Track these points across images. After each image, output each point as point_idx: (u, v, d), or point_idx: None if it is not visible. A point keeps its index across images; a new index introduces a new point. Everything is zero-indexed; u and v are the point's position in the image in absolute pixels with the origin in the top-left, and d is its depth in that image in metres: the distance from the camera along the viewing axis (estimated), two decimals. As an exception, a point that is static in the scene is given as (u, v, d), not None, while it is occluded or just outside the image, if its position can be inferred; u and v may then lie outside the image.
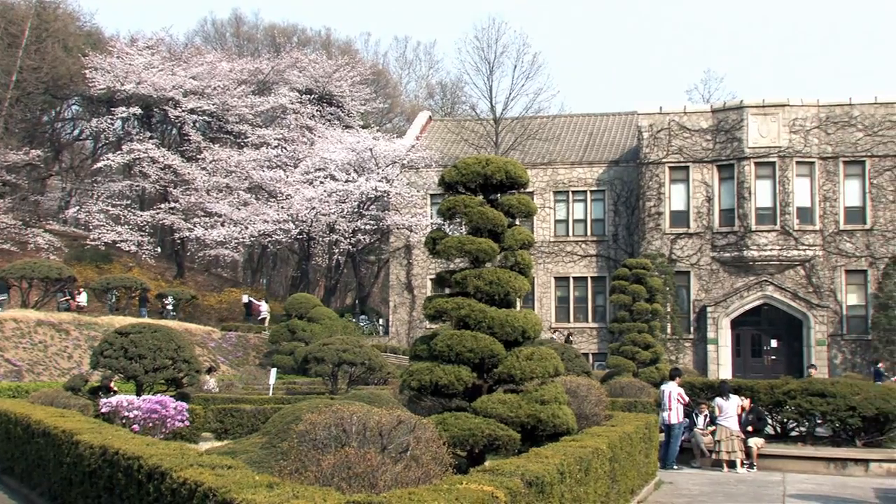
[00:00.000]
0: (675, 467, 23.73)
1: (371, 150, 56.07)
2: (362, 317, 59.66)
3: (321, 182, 55.06)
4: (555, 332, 50.76)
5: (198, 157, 57.55)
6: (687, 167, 50.49)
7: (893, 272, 47.60)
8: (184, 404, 22.79)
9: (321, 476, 9.86)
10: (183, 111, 57.75)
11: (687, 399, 24.51)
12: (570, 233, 54.25)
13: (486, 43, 58.82)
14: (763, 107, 49.06)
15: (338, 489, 9.41)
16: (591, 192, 54.20)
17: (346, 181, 54.84)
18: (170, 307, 49.68)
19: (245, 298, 56.54)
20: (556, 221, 54.45)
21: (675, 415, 23.93)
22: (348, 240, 55.42)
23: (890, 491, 20.57)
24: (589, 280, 53.64)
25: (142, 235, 55.84)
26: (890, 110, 48.88)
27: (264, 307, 54.41)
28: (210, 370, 34.60)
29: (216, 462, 10.01)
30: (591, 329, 52.90)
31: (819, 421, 25.48)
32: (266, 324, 51.93)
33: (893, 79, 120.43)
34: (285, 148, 58.55)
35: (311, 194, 54.03)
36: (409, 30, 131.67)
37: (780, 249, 48.28)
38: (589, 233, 54.02)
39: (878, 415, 24.29)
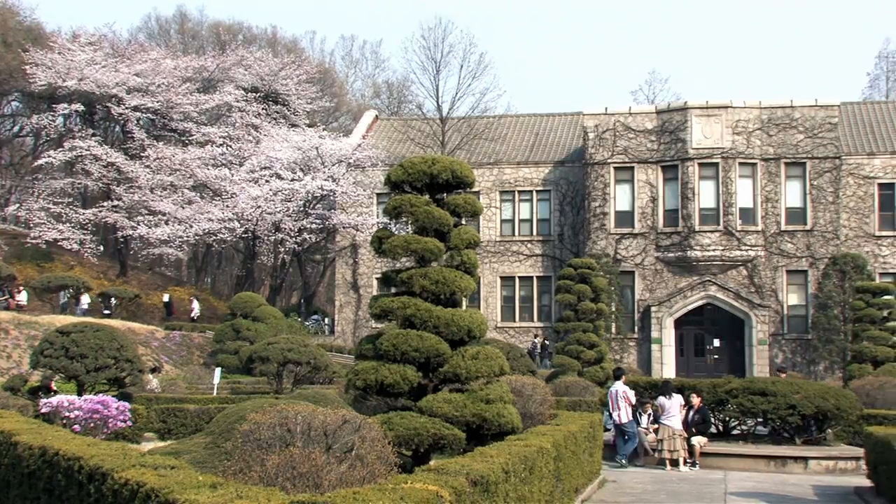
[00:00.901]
0: (625, 463, 23.91)
1: (317, 148, 55.85)
2: (314, 317, 59.44)
3: (267, 181, 54.74)
4: (536, 336, 50.76)
5: (141, 154, 56.92)
6: (632, 168, 50.88)
7: (833, 273, 48.33)
8: (126, 404, 22.55)
9: (265, 476, 9.80)
10: (126, 108, 57.10)
11: (634, 400, 24.70)
12: (516, 232, 54.43)
13: (433, 42, 58.89)
14: (706, 108, 49.57)
15: (282, 489, 9.36)
16: (537, 192, 54.42)
17: (292, 180, 54.57)
18: (110, 306, 49.23)
19: (166, 297, 55.76)
20: (503, 221, 54.60)
21: (624, 414, 24.10)
22: (294, 239, 55.16)
23: (828, 488, 20.88)
24: (535, 280, 53.86)
25: (84, 234, 55.12)
26: (830, 113, 49.59)
27: (195, 305, 53.98)
28: (154, 370, 34.26)
29: (159, 462, 9.91)
30: (536, 328, 53.09)
31: (760, 419, 25.79)
32: (195, 321, 51.70)
33: (833, 82, 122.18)
34: (230, 146, 58.10)
35: (257, 193, 53.70)
36: (356, 29, 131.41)
37: (722, 250, 48.81)
38: (535, 232, 54.24)
39: (818, 413, 24.64)
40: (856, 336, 41.94)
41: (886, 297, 42.55)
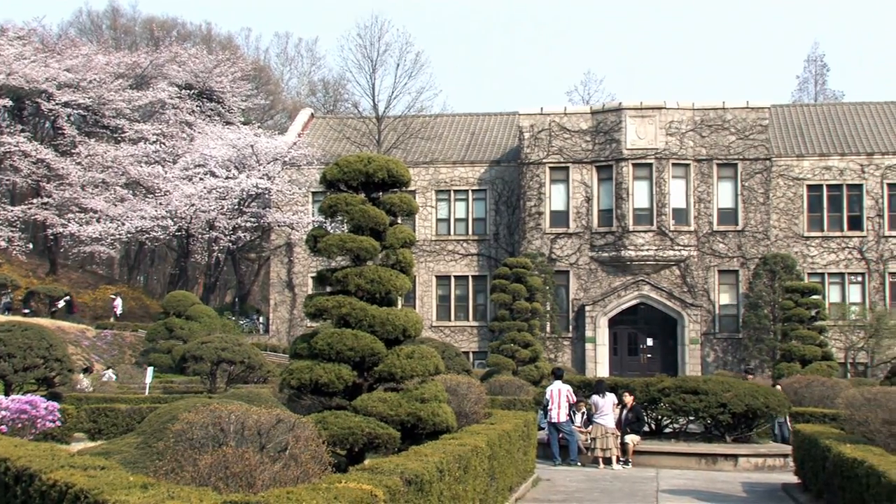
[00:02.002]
0: (579, 463, 24.10)
1: (252, 146, 55.47)
2: (255, 316, 58.99)
3: (201, 178, 54.26)
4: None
5: (72, 151, 56.10)
6: (567, 168, 51.21)
7: (763, 273, 49.07)
8: (55, 404, 22.18)
9: (198, 476, 9.71)
10: (57, 104, 56.26)
11: (575, 399, 24.90)
12: (452, 232, 54.51)
13: (369, 41, 58.77)
14: (640, 109, 50.05)
15: (215, 489, 9.28)
16: (473, 191, 54.55)
17: (227, 178, 54.16)
18: (61, 304, 48.69)
19: (61, 303, 53.08)
20: (438, 220, 54.65)
21: (562, 413, 24.26)
22: (228, 237, 54.74)
23: (757, 485, 21.22)
24: (470, 279, 53.97)
25: (12, 231, 54.15)
26: (760, 115, 50.34)
27: (118, 303, 53.24)
28: (86, 370, 33.78)
29: (88, 463, 9.77)
30: (471, 328, 53.23)
31: (692, 418, 26.10)
32: (116, 319, 50.96)
33: (763, 84, 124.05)
34: (164, 143, 57.47)
35: (191, 191, 53.21)
36: (291, 26, 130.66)
37: (656, 250, 49.32)
38: (470, 232, 54.35)
39: (748, 411, 25.01)
40: (785, 335, 42.66)
41: (814, 296, 43.34)
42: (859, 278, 50.52)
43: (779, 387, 33.36)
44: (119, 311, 52.92)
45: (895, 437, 17.17)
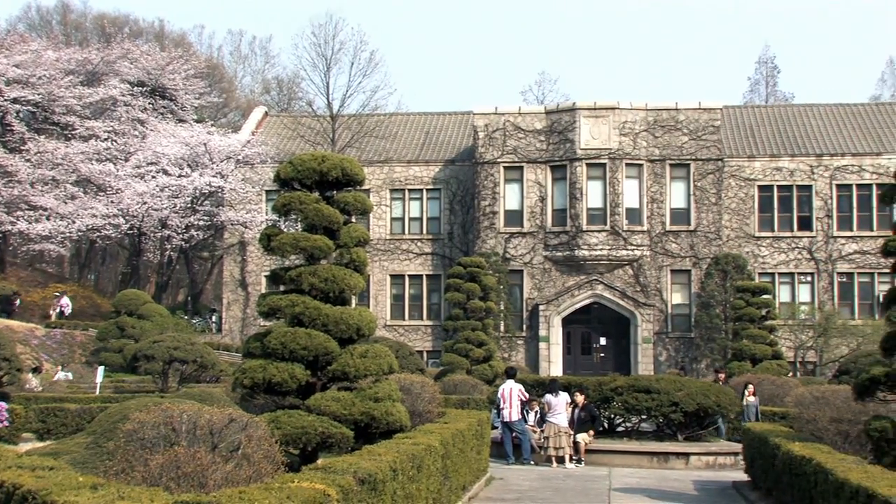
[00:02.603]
0: (532, 462, 24.18)
1: (205, 144, 55.10)
2: (207, 315, 58.54)
3: (153, 176, 53.78)
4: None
5: (21, 148, 55.34)
6: (521, 167, 51.36)
7: (715, 272, 49.50)
8: (3, 404, 21.97)
9: (149, 476, 9.65)
10: (5, 100, 55.48)
11: (527, 396, 25.00)
12: (406, 231, 54.48)
13: (324, 39, 58.54)
14: (594, 109, 50.30)
15: (166, 489, 9.21)
16: (428, 190, 54.55)
17: (180, 176, 53.73)
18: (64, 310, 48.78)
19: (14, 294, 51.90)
20: (393, 219, 54.59)
21: (515, 412, 24.34)
22: (181, 235, 54.32)
23: (708, 483, 21.42)
24: (424, 278, 53.97)
25: (-40, 229, 53.38)
26: (713, 115, 50.77)
27: (65, 301, 52.69)
28: (35, 369, 33.39)
29: (37, 463, 9.66)
30: (425, 327, 53.24)
31: (645, 416, 26.30)
32: (64, 318, 50.39)
33: (716, 85, 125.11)
34: (115, 141, 56.87)
35: (143, 189, 52.73)
36: (244, 24, 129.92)
37: (609, 249, 49.59)
38: (425, 231, 54.35)
39: (699, 410, 25.25)
40: (736, 334, 43.07)
41: (765, 296, 43.80)
42: (809, 278, 51.13)
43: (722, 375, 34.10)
44: (68, 309, 52.20)
45: (843, 435, 17.41)
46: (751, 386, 29.06)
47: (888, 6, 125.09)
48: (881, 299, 31.59)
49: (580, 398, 25.12)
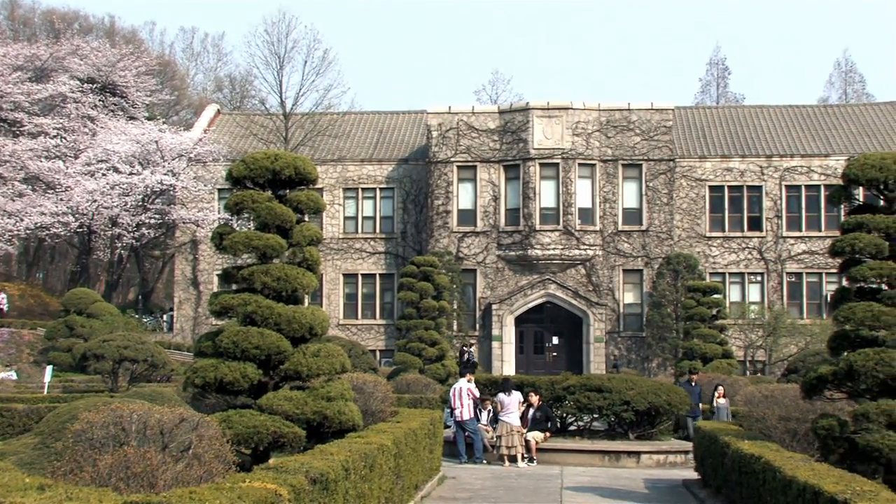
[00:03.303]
0: (485, 461, 24.20)
1: (157, 142, 54.63)
2: (158, 314, 58.06)
3: (103, 174, 53.24)
4: (471, 346, 49.70)
5: (-31, 144, 54.59)
6: (475, 167, 51.44)
7: (666, 272, 49.88)
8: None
9: (98, 477, 9.56)
10: (-48, 96, 54.73)
11: (478, 393, 25.04)
12: (360, 230, 54.38)
13: (277, 37, 58.24)
14: (548, 109, 50.49)
15: (115, 490, 9.13)
16: (381, 189, 54.49)
17: (130, 174, 53.24)
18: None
19: None
20: (346, 218, 54.47)
21: (466, 411, 24.36)
22: (132, 234, 53.83)
23: (659, 481, 21.58)
24: (377, 277, 53.90)
25: None
26: (664, 116, 51.15)
27: (2, 297, 52.05)
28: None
29: (-16, 464, 9.53)
30: (378, 326, 53.16)
31: (596, 415, 26.44)
32: (2, 315, 49.82)
33: (668, 86, 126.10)
34: (65, 138, 56.24)
35: (93, 186, 52.18)
36: (197, 21, 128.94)
37: (562, 249, 49.80)
38: (378, 230, 54.28)
39: (650, 409, 25.42)
40: (687, 334, 43.45)
41: (715, 296, 44.23)
42: (758, 278, 51.67)
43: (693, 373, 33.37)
44: (5, 306, 51.46)
45: (791, 433, 17.61)
46: (721, 387, 28.57)
47: (836, 10, 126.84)
48: (829, 299, 31.93)
49: (535, 398, 25.24)
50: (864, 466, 14.78)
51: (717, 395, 28.25)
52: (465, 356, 48.62)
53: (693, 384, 28.91)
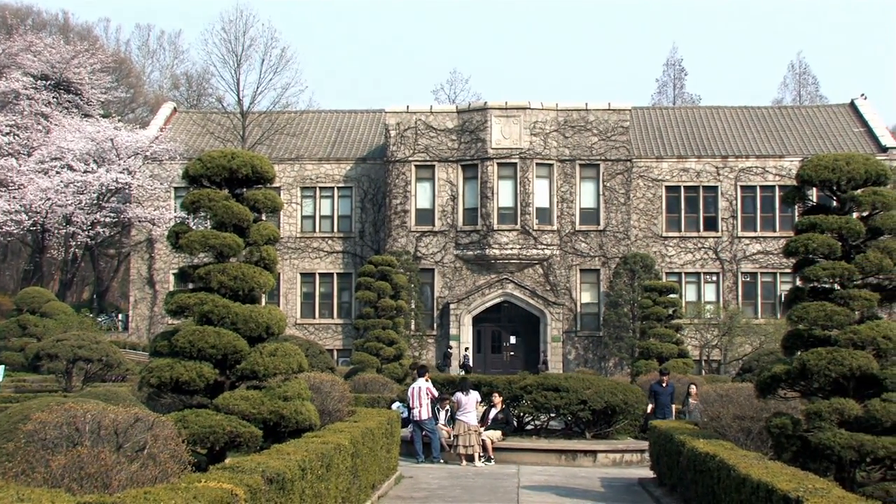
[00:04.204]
0: (442, 461, 24.20)
1: (112, 140, 54.15)
2: (114, 313, 57.55)
3: (57, 172, 52.68)
4: (467, 349, 49.51)
5: (-81, 141, 53.82)
6: (433, 166, 51.46)
7: (623, 272, 50.17)
8: None
9: (50, 477, 9.46)
10: None
11: (436, 393, 25.05)
12: (317, 229, 54.23)
13: (234, 35, 57.93)
14: (506, 109, 50.62)
15: (68, 490, 9.05)
16: (339, 188, 54.37)
17: (85, 172, 52.72)
18: None
19: None
20: (303, 217, 54.31)
21: (424, 411, 24.36)
22: (86, 232, 53.32)
23: (615, 480, 21.70)
24: (335, 276, 53.77)
25: None
26: (622, 117, 51.44)
27: None
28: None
29: (-66, 466, 9.41)
30: (336, 325, 53.05)
31: (553, 414, 26.54)
32: None
33: (625, 87, 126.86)
34: (18, 135, 55.57)
35: (47, 185, 51.63)
36: (153, 18, 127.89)
37: (520, 248, 49.94)
38: (336, 229, 54.15)
39: (607, 408, 25.55)
40: (643, 333, 43.63)
41: (672, 295, 44.44)
42: (714, 278, 52.11)
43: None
44: None
45: (745, 431, 17.76)
46: (694, 387, 27.06)
47: (790, 13, 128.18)
48: (783, 299, 32.25)
49: (498, 399, 25.34)
50: (817, 464, 14.95)
51: (691, 394, 26.89)
52: (462, 359, 48.85)
53: (664, 385, 27.10)
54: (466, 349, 49.42)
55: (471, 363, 48.33)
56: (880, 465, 15.00)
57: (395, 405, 26.71)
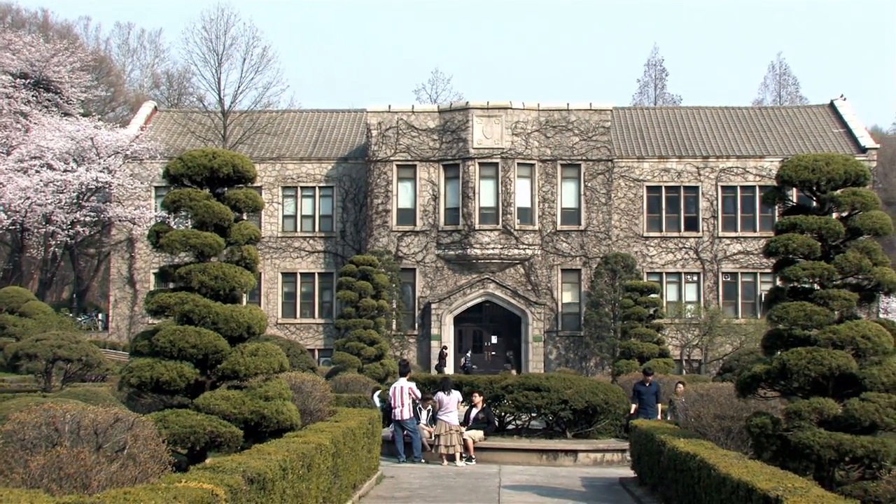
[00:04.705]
0: (424, 460, 24.19)
1: (92, 139, 53.89)
2: (94, 313, 57.25)
3: (37, 171, 52.38)
4: (445, 348, 49.34)
5: None
6: (414, 166, 51.43)
7: (604, 272, 50.26)
8: None
9: (29, 478, 9.42)
10: None
11: (419, 394, 25.03)
12: (298, 228, 54.14)
13: (215, 34, 57.72)
14: (487, 109, 50.64)
15: (47, 491, 9.00)
16: (320, 188, 54.28)
17: (65, 171, 52.46)
18: None
19: None
20: (285, 217, 54.20)
21: (406, 411, 24.34)
22: (66, 231, 53.06)
23: (595, 479, 21.75)
24: (316, 276, 53.69)
25: None
26: (603, 117, 51.52)
27: None
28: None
29: (-88, 466, 9.35)
30: (317, 325, 52.97)
31: (535, 414, 26.57)
32: None
33: (606, 87, 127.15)
34: (-3, 134, 55.26)
35: (26, 184, 51.34)
36: (133, 16, 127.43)
37: (501, 248, 49.97)
38: (317, 229, 54.06)
39: (588, 407, 25.60)
40: (624, 333, 43.70)
41: (653, 295, 44.53)
42: (695, 278, 52.27)
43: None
44: None
45: (725, 431, 17.83)
46: (681, 385, 26.73)
47: (771, 14, 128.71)
48: (763, 298, 32.36)
49: (479, 399, 25.36)
50: (796, 463, 15.01)
51: (676, 392, 26.63)
52: (463, 360, 48.93)
53: (647, 385, 26.51)
54: (444, 348, 49.33)
55: (472, 365, 48.49)
56: (859, 463, 15.07)
57: (376, 396, 26.71)
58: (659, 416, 25.92)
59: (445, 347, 49.72)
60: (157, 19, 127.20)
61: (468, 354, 49.72)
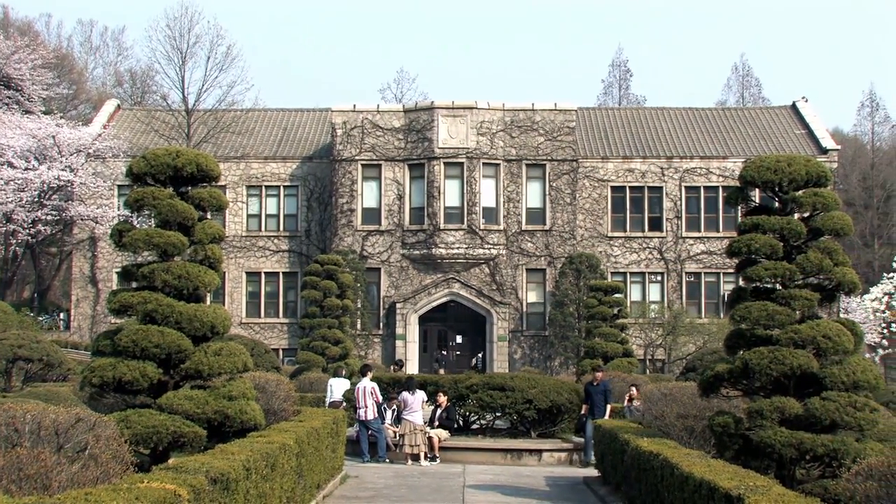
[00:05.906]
0: (388, 460, 24.17)
1: (54, 137, 53.40)
2: (55, 312, 56.76)
3: (-2, 169, 51.87)
4: (398, 362, 48.57)
5: None
6: (379, 165, 51.37)
7: (569, 271, 50.42)
8: None
9: (-11, 479, 9.32)
10: None
11: (380, 397, 24.98)
12: (263, 227, 53.93)
13: (179, 32, 57.30)
14: (452, 108, 50.65)
15: (6, 492, 8.93)
16: (285, 187, 54.10)
17: (26, 169, 51.94)
18: None
19: None
20: (249, 216, 53.96)
21: (370, 411, 24.33)
22: (27, 230, 52.55)
23: (560, 478, 21.83)
24: (281, 275, 53.50)
25: None
26: (568, 117, 51.68)
27: None
28: None
29: None
30: (281, 324, 52.79)
31: (499, 414, 26.61)
32: None
33: (571, 86, 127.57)
34: (-44, 131, 54.63)
35: (-14, 182, 50.80)
36: (95, 14, 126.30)
37: (466, 248, 50.01)
38: (281, 228, 53.88)
39: (552, 407, 25.68)
40: (588, 333, 43.88)
41: (617, 295, 44.74)
42: (658, 278, 52.54)
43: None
44: None
45: (689, 430, 17.95)
46: (634, 388, 26.12)
47: (733, 15, 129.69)
48: (726, 298, 32.59)
49: (443, 398, 25.38)
50: (758, 462, 15.15)
51: (627, 397, 26.17)
52: (436, 355, 49.03)
53: (595, 384, 25.24)
54: (399, 361, 48.05)
55: (443, 359, 48.93)
56: (819, 462, 15.22)
57: (333, 385, 26.97)
58: (607, 416, 24.32)
59: (443, 352, 50.05)
60: (120, 17, 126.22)
61: (443, 353, 50.06)
